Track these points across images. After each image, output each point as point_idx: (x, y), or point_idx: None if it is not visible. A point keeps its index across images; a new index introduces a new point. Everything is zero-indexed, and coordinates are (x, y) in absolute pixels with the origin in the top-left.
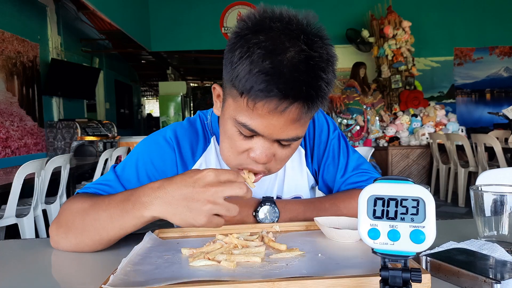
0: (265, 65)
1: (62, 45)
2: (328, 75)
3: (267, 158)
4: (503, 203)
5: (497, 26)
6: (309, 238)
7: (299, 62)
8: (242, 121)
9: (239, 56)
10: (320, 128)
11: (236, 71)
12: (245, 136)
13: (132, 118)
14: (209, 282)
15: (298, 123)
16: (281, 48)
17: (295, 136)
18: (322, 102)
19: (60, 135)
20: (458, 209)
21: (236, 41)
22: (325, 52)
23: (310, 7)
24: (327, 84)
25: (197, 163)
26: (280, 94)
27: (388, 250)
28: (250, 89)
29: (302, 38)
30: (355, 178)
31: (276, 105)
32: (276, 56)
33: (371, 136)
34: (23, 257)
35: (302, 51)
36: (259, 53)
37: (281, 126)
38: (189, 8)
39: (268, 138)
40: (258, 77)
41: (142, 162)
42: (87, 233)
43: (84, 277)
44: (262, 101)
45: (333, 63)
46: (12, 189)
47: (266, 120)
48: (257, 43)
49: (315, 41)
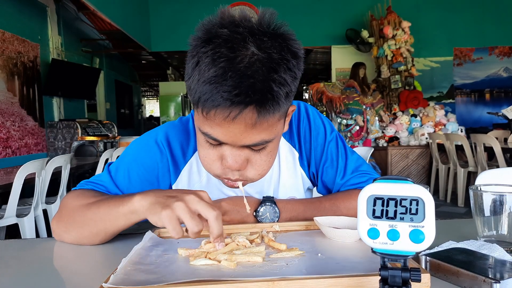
0: (210, 74)
1: (63, 45)
2: (282, 75)
3: (239, 165)
4: (503, 203)
5: (496, 26)
6: (309, 237)
7: (246, 66)
8: (204, 131)
9: (192, 67)
10: (316, 130)
11: (189, 82)
12: (213, 145)
13: (133, 118)
14: (209, 281)
15: (259, 127)
16: (225, 55)
17: (261, 140)
18: (277, 103)
19: (61, 135)
20: (458, 209)
21: (190, 51)
22: (276, 51)
23: (310, 7)
24: (280, 85)
25: (188, 164)
26: (226, 102)
27: (388, 249)
28: (198, 100)
29: (248, 40)
30: (355, 180)
31: (227, 113)
32: (222, 63)
33: (370, 136)
34: (23, 257)
35: (250, 53)
36: (206, 61)
37: (242, 133)
38: (189, 8)
39: (233, 145)
40: (204, 87)
41: (133, 164)
42: (87, 227)
43: (84, 277)
44: (212, 110)
45: (289, 61)
46: (13, 189)
47: (224, 128)
48: (205, 52)
49: (264, 41)
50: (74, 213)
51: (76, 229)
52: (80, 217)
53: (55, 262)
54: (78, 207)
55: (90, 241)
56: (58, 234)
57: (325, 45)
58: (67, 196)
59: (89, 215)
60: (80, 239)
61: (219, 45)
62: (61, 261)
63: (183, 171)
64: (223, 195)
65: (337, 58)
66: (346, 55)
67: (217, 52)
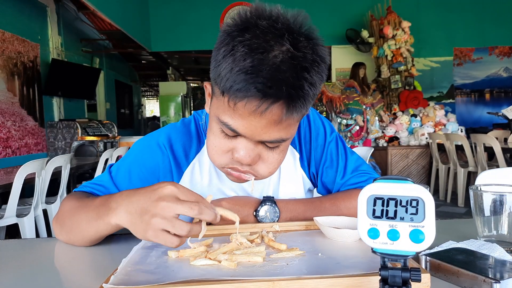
0: (246, 64)
1: (63, 45)
2: (313, 76)
3: (250, 159)
4: (503, 203)
5: (496, 26)
6: (309, 237)
7: (281, 61)
8: (224, 121)
9: (223, 54)
10: (316, 131)
11: (219, 69)
12: (229, 136)
13: (133, 118)
14: (209, 281)
15: (281, 125)
16: (263, 47)
17: (279, 138)
18: (304, 103)
19: (61, 135)
20: (458, 209)
21: (223, 39)
22: (311, 52)
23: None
24: (310, 85)
25: (191, 165)
26: (259, 94)
27: (388, 249)
28: (230, 88)
29: (286, 36)
30: (355, 180)
31: (256, 106)
32: (258, 55)
33: (370, 136)
34: (23, 257)
35: (286, 50)
36: (242, 51)
37: (263, 128)
38: (189, 8)
39: (251, 139)
40: (238, 76)
41: (135, 166)
42: (73, 232)
43: (84, 277)
44: (241, 101)
45: (320, 64)
46: (13, 189)
47: (247, 121)
48: (241, 41)
49: (300, 40)
50: (65, 216)
51: (66, 232)
52: (70, 221)
53: (55, 262)
54: (69, 211)
55: (80, 244)
56: (56, 233)
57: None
58: (66, 197)
59: (75, 220)
60: (72, 241)
61: (257, 36)
62: (61, 261)
63: (185, 172)
64: (224, 196)
65: (337, 58)
66: (346, 55)
67: (254, 43)
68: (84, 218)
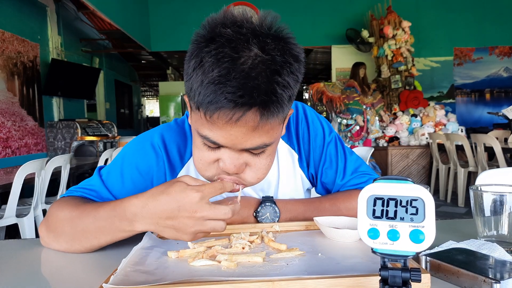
0: (214, 74)
1: (62, 45)
2: (285, 78)
3: (236, 168)
4: (503, 203)
5: (496, 26)
6: (309, 238)
7: (250, 67)
8: (203, 134)
9: (193, 67)
10: (314, 132)
11: (191, 83)
12: (212, 148)
13: (132, 118)
14: (209, 281)
15: (260, 131)
16: (229, 55)
17: (261, 144)
18: (280, 106)
19: (60, 135)
20: (458, 209)
21: (192, 50)
22: (281, 54)
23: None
24: (283, 88)
25: (185, 167)
26: (230, 104)
27: (388, 250)
28: (202, 102)
29: (252, 41)
30: (355, 181)
31: (230, 116)
32: (225, 64)
33: (370, 136)
34: (23, 257)
35: (254, 55)
36: (210, 61)
37: (243, 136)
38: (189, 8)
39: (233, 148)
40: (208, 88)
41: (127, 168)
42: (78, 241)
43: (84, 277)
44: (215, 113)
45: (292, 64)
46: (12, 189)
47: (225, 131)
48: (208, 51)
49: (267, 43)
50: (64, 224)
51: (66, 241)
52: (71, 229)
53: (55, 262)
54: (68, 218)
55: (81, 251)
56: (46, 242)
57: (325, 45)
58: (56, 203)
59: (81, 227)
60: (71, 250)
61: (222, 45)
62: (62, 261)
63: (180, 174)
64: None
65: (337, 58)
66: (346, 55)
67: (220, 52)
68: (94, 228)
